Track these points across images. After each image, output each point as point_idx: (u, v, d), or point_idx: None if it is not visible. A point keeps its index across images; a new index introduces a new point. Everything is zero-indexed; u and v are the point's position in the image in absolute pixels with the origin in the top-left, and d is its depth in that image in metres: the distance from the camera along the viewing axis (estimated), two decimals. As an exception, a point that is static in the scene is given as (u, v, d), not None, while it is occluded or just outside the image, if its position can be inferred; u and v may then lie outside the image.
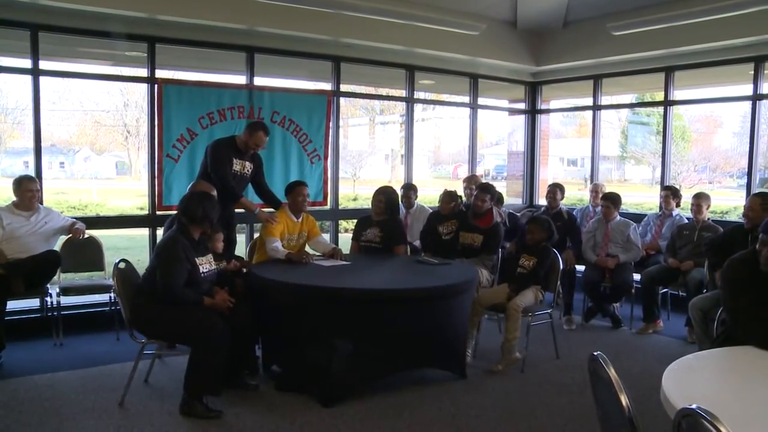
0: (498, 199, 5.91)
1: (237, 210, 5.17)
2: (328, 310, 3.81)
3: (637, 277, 5.75)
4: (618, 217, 5.85)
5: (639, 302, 5.67)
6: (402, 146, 7.64)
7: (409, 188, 6.39)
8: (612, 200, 5.85)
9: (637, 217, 6.30)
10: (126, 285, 3.84)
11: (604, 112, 8.02)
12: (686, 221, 5.87)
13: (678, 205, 6.18)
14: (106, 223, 6.34)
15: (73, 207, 13.58)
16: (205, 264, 3.82)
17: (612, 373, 1.88)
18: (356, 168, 20.98)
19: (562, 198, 6.33)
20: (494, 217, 5.30)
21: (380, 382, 4.05)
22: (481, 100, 7.87)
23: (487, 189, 5.38)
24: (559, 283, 4.89)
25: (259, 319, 4.03)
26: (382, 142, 23.26)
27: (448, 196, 5.46)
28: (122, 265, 3.90)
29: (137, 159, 24.38)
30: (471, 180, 6.61)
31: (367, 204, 5.36)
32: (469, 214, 5.36)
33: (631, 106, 13.99)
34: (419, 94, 7.68)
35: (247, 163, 5.01)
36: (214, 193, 4.41)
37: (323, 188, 6.53)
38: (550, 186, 6.37)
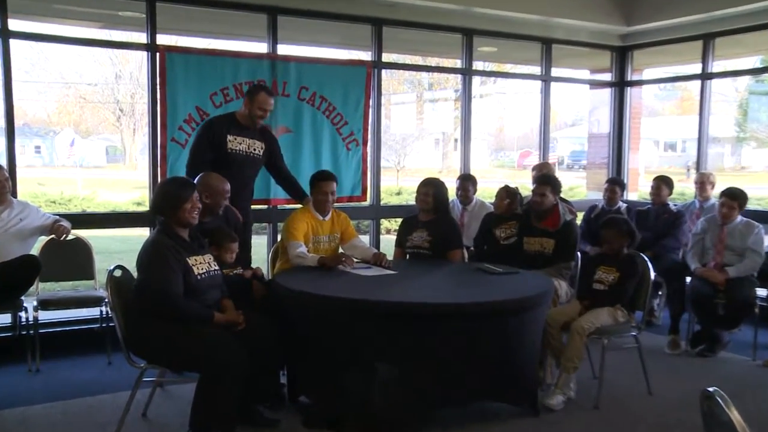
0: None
1: (254, 206, 5.21)
2: (368, 328, 3.83)
3: (762, 292, 5.60)
4: (739, 218, 5.67)
5: (765, 325, 5.52)
6: (456, 128, 7.65)
7: (467, 179, 6.37)
8: (737, 198, 5.60)
9: (759, 216, 6.08)
10: (122, 297, 3.85)
11: (715, 82, 7.81)
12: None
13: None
14: (96, 222, 6.45)
15: (53, 201, 13.91)
16: (201, 264, 3.81)
17: (735, 415, 1.85)
18: (400, 155, 21.10)
19: (670, 194, 6.46)
20: (561, 215, 5.24)
21: (431, 416, 4.05)
22: (555, 71, 7.81)
23: (546, 180, 5.31)
24: (651, 297, 4.81)
25: (284, 340, 4.07)
26: (432, 124, 23.31)
27: (504, 192, 5.46)
28: (118, 272, 3.92)
29: (132, 143, 24.92)
30: (542, 169, 6.53)
31: (413, 199, 5.37)
32: (532, 215, 5.30)
33: (753, 72, 13.49)
34: (478, 65, 7.67)
35: (256, 142, 5.05)
36: (227, 186, 4.46)
37: (362, 180, 6.57)
38: (654, 179, 6.47)
